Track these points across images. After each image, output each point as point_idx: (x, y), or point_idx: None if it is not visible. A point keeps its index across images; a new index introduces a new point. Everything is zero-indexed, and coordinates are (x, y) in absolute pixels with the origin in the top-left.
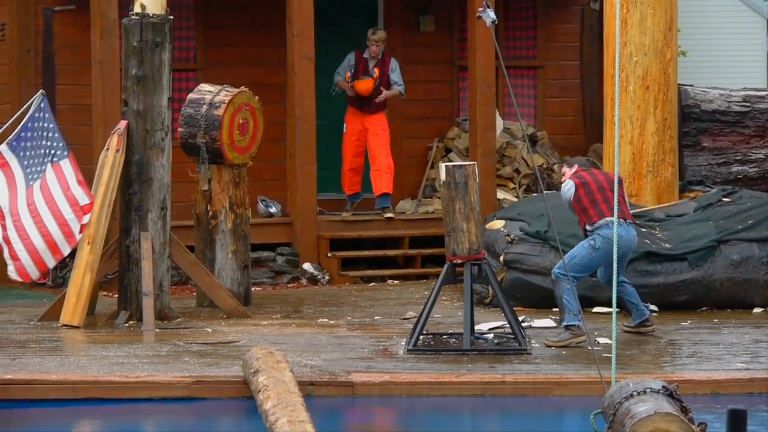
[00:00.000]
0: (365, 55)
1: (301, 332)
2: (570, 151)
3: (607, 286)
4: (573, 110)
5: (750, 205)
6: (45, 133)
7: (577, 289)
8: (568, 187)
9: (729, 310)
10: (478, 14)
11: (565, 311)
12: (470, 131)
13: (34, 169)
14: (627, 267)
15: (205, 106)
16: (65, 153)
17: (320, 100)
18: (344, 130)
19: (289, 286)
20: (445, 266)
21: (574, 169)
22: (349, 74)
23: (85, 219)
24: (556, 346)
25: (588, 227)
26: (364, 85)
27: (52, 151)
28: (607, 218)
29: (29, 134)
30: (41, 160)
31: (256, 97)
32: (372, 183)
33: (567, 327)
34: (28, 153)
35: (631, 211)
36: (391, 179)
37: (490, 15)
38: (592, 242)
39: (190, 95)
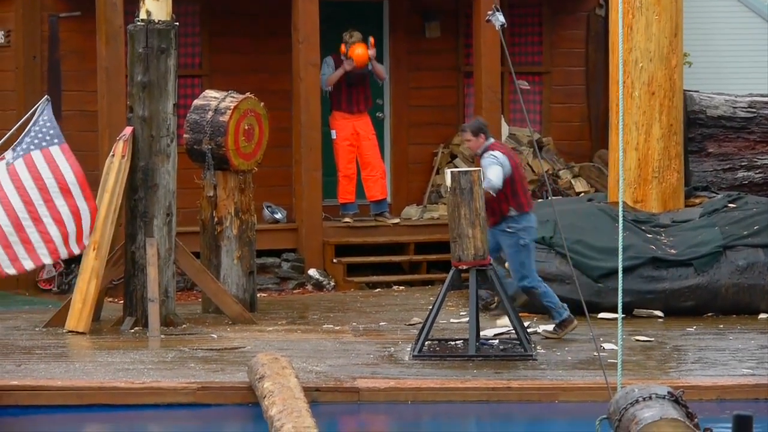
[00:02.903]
0: (342, 57)
1: (306, 338)
2: (575, 157)
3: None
4: (578, 116)
5: (755, 210)
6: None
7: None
8: (500, 160)
9: (734, 315)
10: (487, 18)
11: (552, 312)
12: None
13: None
14: (633, 272)
15: (210, 113)
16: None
17: (325, 107)
18: (333, 137)
19: (294, 292)
20: (451, 272)
21: (481, 139)
22: (343, 49)
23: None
24: (553, 338)
25: (514, 213)
26: (361, 53)
27: (46, 138)
28: (528, 211)
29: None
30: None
31: (262, 104)
32: (365, 188)
33: (559, 324)
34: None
35: (638, 217)
36: (385, 184)
37: (499, 18)
38: (520, 242)
39: (196, 101)
